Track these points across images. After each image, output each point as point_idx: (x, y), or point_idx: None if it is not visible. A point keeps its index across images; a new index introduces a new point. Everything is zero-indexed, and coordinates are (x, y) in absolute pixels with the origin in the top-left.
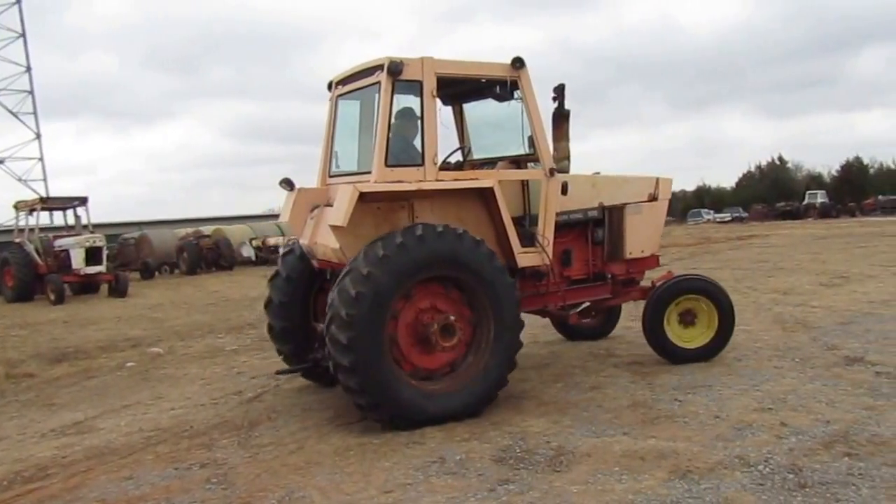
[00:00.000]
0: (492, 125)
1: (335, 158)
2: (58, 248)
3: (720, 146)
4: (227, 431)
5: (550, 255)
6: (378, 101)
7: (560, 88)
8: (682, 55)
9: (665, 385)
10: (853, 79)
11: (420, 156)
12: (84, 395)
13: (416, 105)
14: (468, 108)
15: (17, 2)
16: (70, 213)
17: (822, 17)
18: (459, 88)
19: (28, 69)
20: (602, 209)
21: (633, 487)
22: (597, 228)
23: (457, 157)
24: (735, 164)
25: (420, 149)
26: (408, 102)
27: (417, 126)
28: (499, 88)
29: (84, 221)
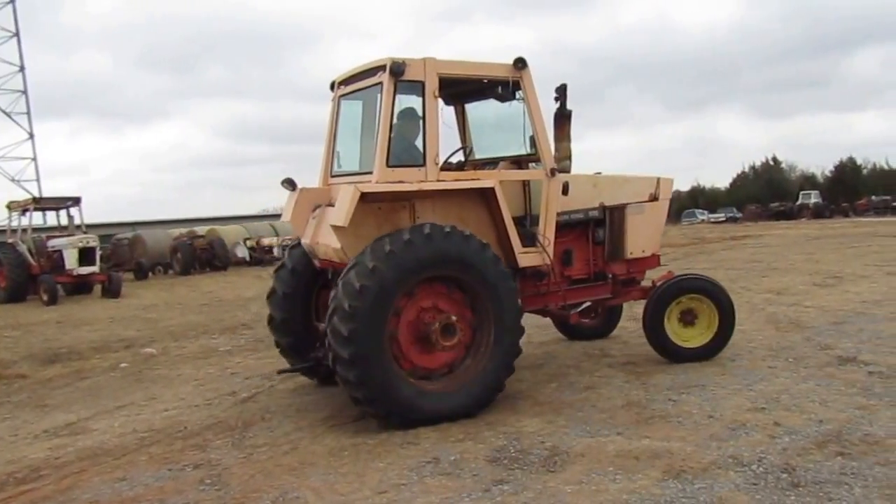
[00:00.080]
0: (493, 125)
1: (337, 158)
2: (51, 249)
3: (714, 146)
4: (221, 432)
5: (551, 255)
6: (380, 102)
7: (562, 89)
8: (678, 56)
9: (659, 385)
10: (847, 80)
11: (422, 156)
12: (77, 396)
13: (418, 105)
14: (470, 109)
15: (11, 1)
16: (63, 214)
17: (817, 18)
18: (461, 89)
19: (22, 69)
20: (603, 209)
21: (628, 487)
22: (598, 228)
23: (458, 157)
24: (729, 165)
25: (422, 149)
26: (410, 103)
27: (419, 126)
28: (501, 89)
29: (77, 222)
